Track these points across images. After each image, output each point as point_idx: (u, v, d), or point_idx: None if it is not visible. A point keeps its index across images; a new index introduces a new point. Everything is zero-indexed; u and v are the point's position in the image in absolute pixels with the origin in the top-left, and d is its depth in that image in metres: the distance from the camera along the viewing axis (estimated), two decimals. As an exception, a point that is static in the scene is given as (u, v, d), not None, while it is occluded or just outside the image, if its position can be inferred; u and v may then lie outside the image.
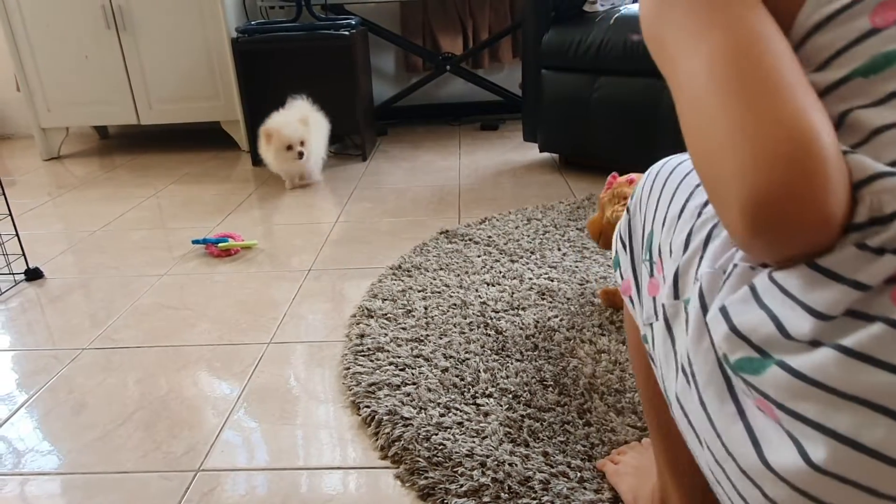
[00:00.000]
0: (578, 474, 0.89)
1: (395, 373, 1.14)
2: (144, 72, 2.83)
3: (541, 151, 2.45)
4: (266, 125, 2.30)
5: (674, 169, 0.59)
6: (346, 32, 2.52)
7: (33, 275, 1.65)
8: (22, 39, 2.80)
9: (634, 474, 0.84)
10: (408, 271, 1.56)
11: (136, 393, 1.17)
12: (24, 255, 1.67)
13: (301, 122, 2.28)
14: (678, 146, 0.45)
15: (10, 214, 1.62)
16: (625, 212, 0.66)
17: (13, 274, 1.65)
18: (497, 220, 1.87)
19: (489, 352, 1.20)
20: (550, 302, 1.38)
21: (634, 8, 2.13)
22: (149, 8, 2.73)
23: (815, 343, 0.38)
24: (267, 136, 2.27)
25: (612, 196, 1.25)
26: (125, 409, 1.12)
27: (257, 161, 2.75)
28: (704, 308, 0.45)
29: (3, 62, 3.41)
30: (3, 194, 1.60)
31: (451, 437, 0.97)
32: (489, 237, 1.74)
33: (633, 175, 1.27)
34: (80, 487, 0.94)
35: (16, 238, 1.66)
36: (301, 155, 2.24)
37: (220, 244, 1.79)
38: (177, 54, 2.80)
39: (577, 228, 1.77)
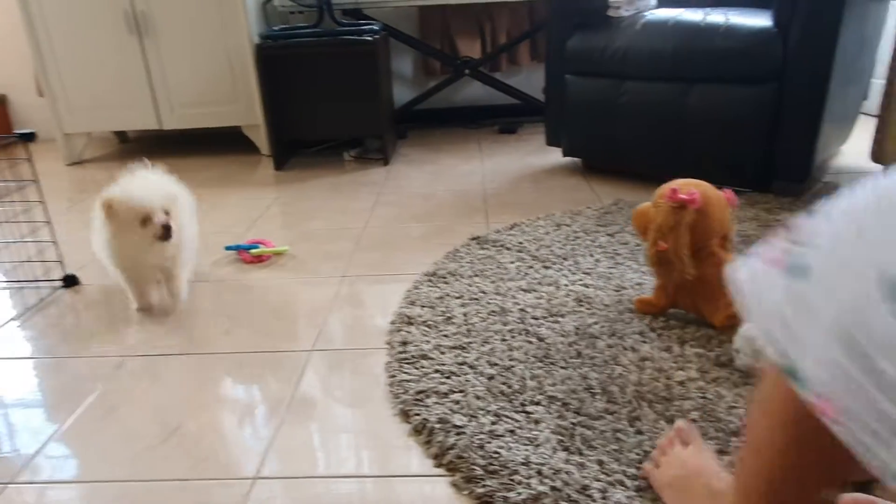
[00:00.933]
0: (635, 483, 0.90)
1: (442, 380, 1.16)
2: (166, 77, 2.85)
3: (564, 156, 2.46)
4: (107, 194, 1.43)
5: None
6: (370, 38, 2.54)
7: (70, 281, 1.67)
8: (45, 45, 2.82)
9: (681, 486, 0.85)
10: (443, 278, 1.57)
11: (184, 400, 1.18)
12: (61, 261, 1.68)
13: (163, 181, 1.55)
14: (704, 151, 0.45)
15: (49, 222, 1.64)
16: None
17: (51, 280, 1.67)
18: (526, 225, 1.88)
19: (533, 359, 1.21)
20: (588, 309, 1.39)
21: (660, 14, 2.14)
22: (171, 13, 2.75)
23: None
24: (108, 209, 1.41)
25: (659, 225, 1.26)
26: (175, 416, 1.14)
27: (279, 165, 2.77)
28: None
29: (27, 67, 3.43)
30: (42, 202, 1.61)
31: (505, 446, 0.98)
32: (520, 243, 1.75)
33: (674, 185, 1.27)
34: (142, 495, 0.95)
35: (52, 245, 1.68)
36: (168, 232, 1.41)
37: (252, 251, 1.80)
38: (198, 59, 2.82)
39: (607, 234, 1.78)
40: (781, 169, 1.96)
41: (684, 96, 2.02)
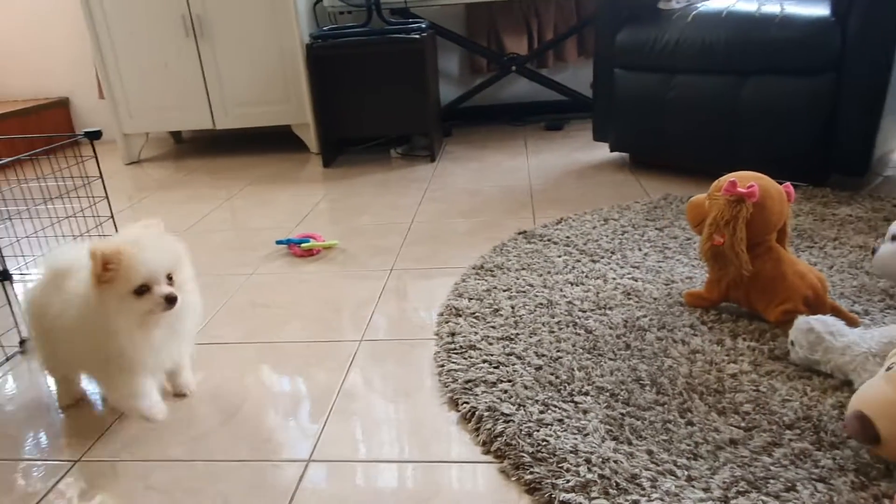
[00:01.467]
0: (686, 473, 0.89)
1: (490, 370, 1.17)
2: (221, 78, 2.94)
3: (612, 151, 2.44)
4: (106, 244, 0.99)
5: None
6: (418, 36, 2.57)
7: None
8: (107, 49, 2.94)
9: None
10: (490, 271, 1.58)
11: (241, 387, 1.22)
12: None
13: (167, 239, 1.07)
14: (757, 144, 0.44)
15: (112, 217, 1.71)
16: None
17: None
18: (573, 220, 1.87)
19: (581, 350, 1.21)
20: (637, 302, 1.38)
21: (712, 5, 2.10)
22: (226, 16, 2.83)
23: None
24: (103, 263, 0.97)
25: (715, 220, 1.23)
26: (233, 402, 1.18)
27: (328, 163, 2.83)
28: None
29: (88, 71, 3.58)
30: (107, 198, 1.69)
31: (553, 434, 0.98)
32: (567, 237, 1.75)
33: (731, 177, 1.24)
34: (203, 474, 0.99)
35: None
36: (172, 302, 1.01)
37: (302, 244, 1.84)
38: (251, 60, 2.90)
39: (656, 229, 1.76)
40: (839, 162, 1.91)
41: (737, 89, 1.98)
